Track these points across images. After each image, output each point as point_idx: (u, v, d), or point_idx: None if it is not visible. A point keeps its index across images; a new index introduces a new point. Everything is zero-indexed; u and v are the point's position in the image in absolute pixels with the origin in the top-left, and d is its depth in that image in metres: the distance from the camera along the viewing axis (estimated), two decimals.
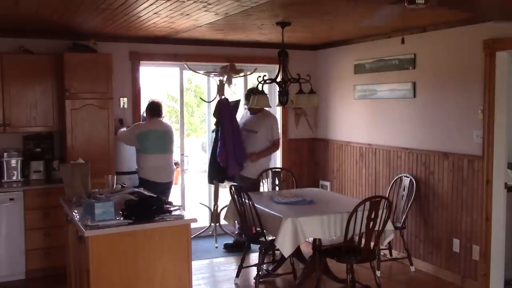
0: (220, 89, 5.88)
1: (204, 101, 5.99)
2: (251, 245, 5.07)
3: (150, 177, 5.42)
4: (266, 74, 5.25)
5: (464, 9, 4.19)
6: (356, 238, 4.39)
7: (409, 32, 5.23)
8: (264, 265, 5.05)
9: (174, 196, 6.08)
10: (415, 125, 5.42)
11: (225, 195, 5.87)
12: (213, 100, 5.81)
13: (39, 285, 4.97)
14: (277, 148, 6.12)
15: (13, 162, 5.26)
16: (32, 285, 5.00)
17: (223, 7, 4.04)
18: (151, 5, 3.95)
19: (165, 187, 5.51)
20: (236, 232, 5.98)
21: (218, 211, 6.18)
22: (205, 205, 6.53)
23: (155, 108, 5.60)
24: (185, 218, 3.56)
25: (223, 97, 5.90)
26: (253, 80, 7.40)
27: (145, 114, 5.70)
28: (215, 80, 6.01)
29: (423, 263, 5.32)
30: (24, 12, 4.32)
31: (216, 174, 5.98)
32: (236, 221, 5.17)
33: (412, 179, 5.36)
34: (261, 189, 5.85)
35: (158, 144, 5.48)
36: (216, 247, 6.01)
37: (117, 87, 5.73)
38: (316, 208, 4.58)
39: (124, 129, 5.63)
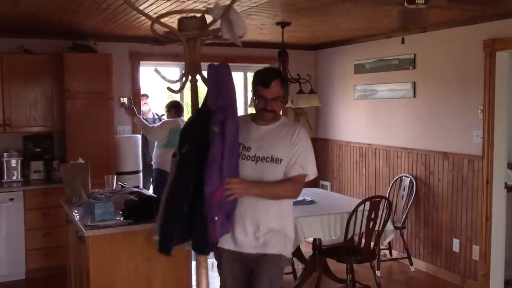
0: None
1: (172, 91, 2.64)
2: None
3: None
4: None
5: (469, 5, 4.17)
6: (356, 238, 4.39)
7: (409, 32, 5.23)
8: None
9: None
10: (415, 125, 5.41)
11: None
12: (181, 87, 2.75)
13: (39, 285, 4.97)
14: None
15: (13, 162, 5.26)
16: (32, 285, 5.00)
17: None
18: (151, 5, 3.95)
19: None
20: None
21: None
22: None
23: (180, 108, 5.96)
24: None
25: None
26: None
27: (166, 112, 6.02)
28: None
29: (423, 263, 5.32)
30: (24, 12, 4.32)
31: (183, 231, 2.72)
32: None
33: (412, 179, 5.36)
34: None
35: None
36: None
37: (117, 87, 5.73)
38: (316, 208, 4.57)
39: (154, 125, 5.85)
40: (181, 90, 2.77)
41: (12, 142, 5.42)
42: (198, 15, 2.65)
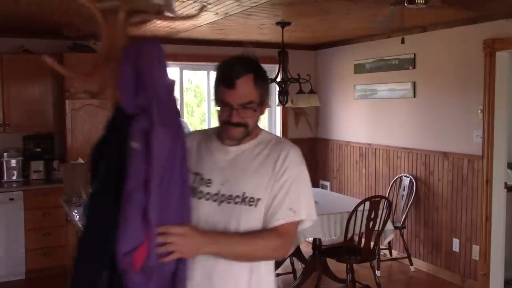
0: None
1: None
2: None
3: None
4: None
5: (467, 7, 4.18)
6: (356, 238, 4.39)
7: (409, 32, 5.23)
8: None
9: None
10: (415, 125, 5.41)
11: None
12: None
13: (39, 285, 4.97)
14: None
15: (13, 162, 5.26)
16: (32, 285, 4.99)
17: (223, 7, 4.04)
18: None
19: None
20: None
21: None
22: None
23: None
24: None
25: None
26: None
27: None
28: None
29: (423, 263, 5.32)
30: (24, 12, 4.32)
31: None
32: None
33: (412, 179, 5.36)
34: None
35: None
36: None
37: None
38: (316, 208, 4.57)
39: None
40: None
41: (12, 142, 5.42)
42: None
